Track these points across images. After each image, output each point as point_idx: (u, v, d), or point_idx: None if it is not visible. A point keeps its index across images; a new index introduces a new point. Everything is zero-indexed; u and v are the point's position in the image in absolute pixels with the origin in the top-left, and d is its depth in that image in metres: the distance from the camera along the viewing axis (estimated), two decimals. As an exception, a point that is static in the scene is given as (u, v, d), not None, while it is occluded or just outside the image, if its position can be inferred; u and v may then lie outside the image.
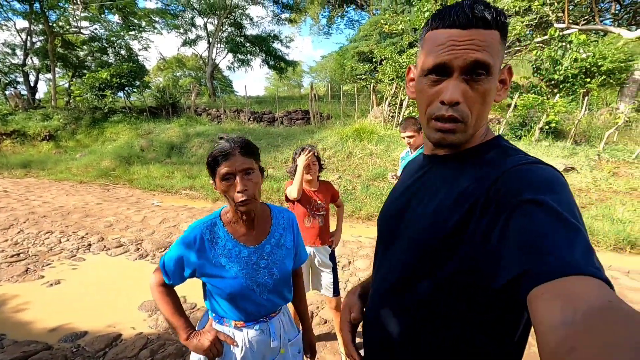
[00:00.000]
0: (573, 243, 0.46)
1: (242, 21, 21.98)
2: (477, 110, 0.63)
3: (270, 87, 44.51)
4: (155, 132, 12.61)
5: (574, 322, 0.37)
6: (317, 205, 2.32)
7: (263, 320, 1.17)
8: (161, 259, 1.13)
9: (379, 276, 0.81)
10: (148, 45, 20.41)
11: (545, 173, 0.56)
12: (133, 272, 3.80)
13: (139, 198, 7.42)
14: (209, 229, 1.12)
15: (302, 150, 2.26)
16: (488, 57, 0.59)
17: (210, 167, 1.09)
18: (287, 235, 1.25)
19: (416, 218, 0.70)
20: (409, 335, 0.69)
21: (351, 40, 22.75)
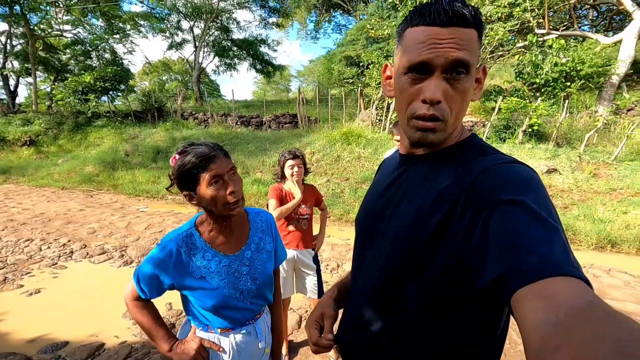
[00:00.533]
0: (552, 242, 0.47)
1: (229, 25, 21.92)
2: (457, 109, 0.64)
3: (258, 91, 44.42)
4: (140, 136, 12.41)
5: (557, 322, 0.38)
6: (302, 209, 2.32)
7: (249, 323, 1.16)
8: (135, 273, 1.07)
9: (361, 278, 0.80)
10: (133, 49, 20.10)
11: (522, 172, 0.57)
12: (117, 280, 3.71)
13: (124, 204, 7.27)
14: (185, 241, 1.06)
15: (288, 153, 2.27)
16: (468, 55, 0.59)
17: (190, 176, 1.01)
18: (266, 238, 1.23)
19: (397, 218, 0.70)
20: (397, 335, 0.69)
21: (338, 44, 22.91)
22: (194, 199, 1.04)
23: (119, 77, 14.64)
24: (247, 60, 23.19)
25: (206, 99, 19.13)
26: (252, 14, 25.85)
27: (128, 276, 3.79)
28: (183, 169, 1.01)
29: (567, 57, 9.72)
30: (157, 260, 1.03)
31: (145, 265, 1.04)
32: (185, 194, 1.05)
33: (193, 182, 1.02)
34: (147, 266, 1.04)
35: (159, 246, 1.05)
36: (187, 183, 1.03)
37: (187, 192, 1.04)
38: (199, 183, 1.01)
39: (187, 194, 1.04)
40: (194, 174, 1.00)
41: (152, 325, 1.07)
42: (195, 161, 0.99)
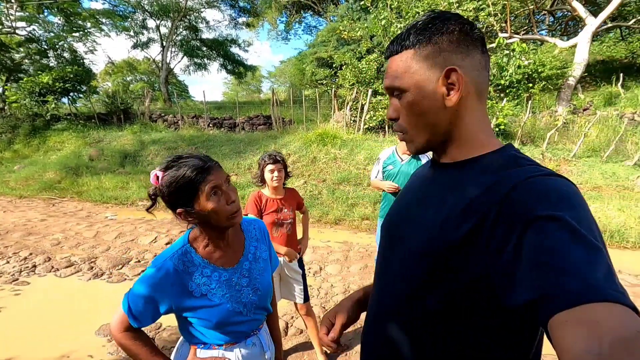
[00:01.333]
0: (594, 264, 0.44)
1: (198, 24, 21.33)
2: (412, 122, 0.69)
3: (229, 92, 43.63)
4: (105, 140, 11.80)
5: (601, 352, 0.36)
6: (284, 214, 2.29)
7: (253, 334, 1.12)
8: (124, 300, 0.98)
9: (382, 282, 0.78)
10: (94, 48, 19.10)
11: (562, 186, 0.54)
12: (87, 294, 3.49)
13: (90, 212, 6.88)
14: (181, 259, 1.00)
15: (268, 157, 2.22)
16: (395, 81, 0.68)
17: (186, 190, 0.95)
18: (261, 247, 1.20)
19: (423, 226, 0.68)
20: (417, 348, 0.67)
21: (310, 45, 22.94)
22: (191, 215, 0.98)
23: (79, 78, 13.82)
24: (218, 60, 22.68)
25: (175, 101, 18.52)
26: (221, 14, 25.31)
27: (100, 289, 3.58)
28: (178, 184, 0.94)
29: (529, 60, 10.24)
30: (152, 282, 0.96)
31: (138, 290, 0.96)
32: (179, 212, 0.97)
33: (190, 197, 0.96)
34: (141, 290, 0.96)
35: (154, 267, 0.98)
36: (182, 199, 0.96)
37: (183, 208, 0.97)
38: (198, 197, 0.95)
39: (182, 211, 0.97)
40: (191, 188, 0.94)
41: (148, 356, 0.98)
42: (191, 174, 0.94)
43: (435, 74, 0.65)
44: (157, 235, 5.23)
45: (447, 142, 0.70)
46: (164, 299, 0.97)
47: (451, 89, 0.64)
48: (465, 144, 0.68)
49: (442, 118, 0.67)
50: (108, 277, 3.85)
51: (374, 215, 6.21)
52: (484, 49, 0.67)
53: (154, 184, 0.99)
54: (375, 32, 10.95)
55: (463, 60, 0.64)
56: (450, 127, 0.68)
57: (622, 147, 9.29)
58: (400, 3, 9.67)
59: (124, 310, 0.97)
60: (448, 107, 0.65)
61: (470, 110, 0.67)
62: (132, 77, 30.65)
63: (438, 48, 0.64)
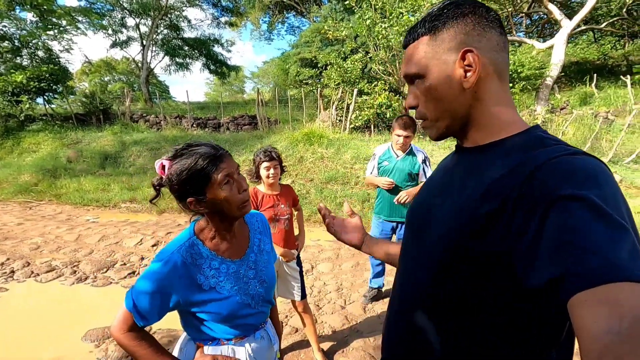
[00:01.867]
0: (618, 242, 0.43)
1: (179, 23, 20.92)
2: (432, 107, 0.69)
3: (212, 92, 43.07)
4: (84, 141, 11.41)
5: (620, 331, 0.36)
6: (281, 209, 2.27)
7: (261, 327, 1.11)
8: (127, 299, 0.93)
9: (404, 277, 0.78)
10: (70, 47, 18.43)
11: (588, 164, 0.52)
12: (71, 299, 3.36)
13: (70, 215, 6.63)
14: (189, 252, 0.97)
15: (263, 155, 2.19)
16: (413, 67, 0.69)
17: (198, 178, 0.92)
18: (264, 239, 1.20)
19: (445, 211, 0.68)
20: (441, 337, 0.67)
21: (293, 46, 22.90)
22: (202, 204, 0.95)
23: (55, 77, 13.33)
24: (200, 60, 22.30)
25: (156, 101, 18.11)
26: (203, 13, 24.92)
27: (84, 294, 3.45)
28: (190, 172, 0.91)
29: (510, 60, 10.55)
30: (160, 276, 0.92)
31: (143, 286, 0.92)
32: (190, 201, 0.95)
33: (202, 186, 0.93)
34: (147, 286, 0.92)
35: (160, 261, 0.94)
36: (194, 187, 0.93)
37: (194, 197, 0.94)
38: (210, 185, 0.93)
39: (193, 200, 0.94)
40: (203, 176, 0.92)
41: (155, 356, 0.93)
42: (203, 162, 0.92)
43: (451, 57, 0.65)
44: (143, 237, 5.09)
45: (468, 125, 0.69)
46: (173, 294, 0.93)
47: (468, 71, 0.64)
48: (487, 126, 0.67)
49: (461, 101, 0.66)
50: (92, 280, 3.71)
51: (363, 213, 6.23)
52: (501, 30, 0.67)
53: (159, 174, 0.96)
54: (359, 32, 11.01)
55: (479, 42, 0.64)
56: (470, 110, 0.67)
57: (598, 144, 9.67)
58: (384, 3, 9.75)
59: (128, 308, 0.92)
60: (466, 90, 0.65)
61: (490, 92, 0.66)
62: (111, 77, 29.82)
63: (453, 32, 0.65)
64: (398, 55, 10.07)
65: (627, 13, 15.04)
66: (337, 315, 3.00)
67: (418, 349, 0.72)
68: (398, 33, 9.36)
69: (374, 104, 10.13)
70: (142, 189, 7.88)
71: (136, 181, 8.47)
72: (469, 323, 0.63)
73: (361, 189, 7.33)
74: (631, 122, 9.77)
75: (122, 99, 15.93)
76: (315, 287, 3.58)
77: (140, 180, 8.51)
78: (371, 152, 8.60)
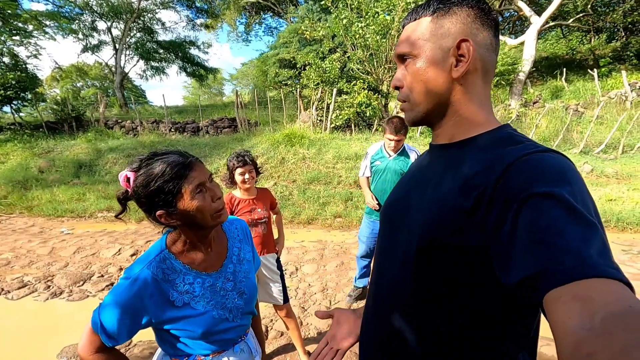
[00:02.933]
0: (589, 240, 0.44)
1: (153, 26, 20.45)
2: (416, 88, 0.68)
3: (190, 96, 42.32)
4: (56, 150, 10.98)
5: (593, 326, 0.37)
6: (258, 213, 2.24)
7: (241, 340, 1.06)
8: (94, 318, 0.88)
9: (380, 273, 0.77)
10: (38, 52, 17.73)
11: (557, 162, 0.54)
12: (45, 315, 3.21)
13: (43, 227, 6.36)
14: (159, 267, 0.91)
15: (237, 160, 2.14)
16: (407, 46, 0.68)
17: (167, 190, 0.86)
18: (244, 247, 1.14)
19: (420, 208, 0.68)
20: (418, 334, 0.66)
21: (271, 47, 22.75)
22: (172, 216, 0.89)
23: (23, 85, 12.76)
24: (177, 63, 21.88)
25: (132, 106, 17.65)
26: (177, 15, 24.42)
27: (59, 309, 3.31)
28: (157, 183, 0.85)
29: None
30: (128, 294, 0.86)
31: (111, 304, 0.86)
32: (160, 214, 0.88)
33: (171, 197, 0.87)
34: (115, 304, 0.86)
35: (128, 278, 0.88)
36: (163, 200, 0.87)
37: (163, 210, 0.88)
38: (180, 196, 0.87)
39: (163, 213, 0.88)
40: (173, 187, 0.86)
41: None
42: (172, 172, 0.86)
43: (447, 42, 0.65)
44: (121, 247, 4.93)
45: (445, 117, 0.70)
46: (143, 312, 0.88)
47: (460, 61, 0.64)
48: (464, 122, 0.68)
49: (445, 89, 0.66)
50: (68, 295, 3.57)
51: (346, 212, 6.24)
52: (496, 32, 0.68)
53: (124, 186, 0.90)
54: (336, 31, 11.04)
55: (476, 36, 0.65)
56: (451, 100, 0.67)
57: (569, 136, 10.04)
58: (360, 3, 9.81)
59: (94, 328, 0.86)
60: (454, 79, 0.65)
61: (473, 88, 0.67)
62: (83, 82, 28.84)
63: (455, 19, 0.65)
64: (375, 54, 10.15)
65: (591, 9, 15.69)
66: (322, 316, 2.98)
67: (392, 346, 0.71)
68: (374, 32, 9.44)
69: (353, 103, 10.18)
70: (119, 197, 7.64)
71: (113, 189, 8.21)
72: (443, 319, 0.63)
73: (344, 189, 7.35)
74: (599, 113, 10.19)
75: (96, 105, 15.45)
76: (300, 289, 3.55)
77: (117, 188, 8.17)
78: (352, 151, 8.67)
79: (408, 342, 0.68)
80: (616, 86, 12.49)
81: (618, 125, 9.39)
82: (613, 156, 8.96)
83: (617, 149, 9.16)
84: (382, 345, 0.74)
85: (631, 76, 12.80)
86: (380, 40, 9.60)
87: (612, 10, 16.31)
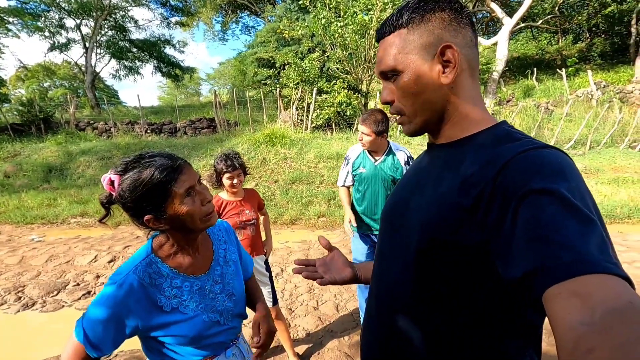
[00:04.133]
0: (587, 235, 0.44)
1: (125, 24, 19.77)
2: (410, 102, 0.68)
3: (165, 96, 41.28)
4: (23, 153, 10.44)
5: (593, 322, 0.37)
6: (246, 215, 2.20)
7: (232, 344, 1.04)
8: (77, 327, 0.84)
9: (380, 275, 0.77)
10: (1, 51, 16.82)
11: (555, 158, 0.53)
12: (17, 328, 3.04)
13: (11, 235, 6.02)
14: (146, 272, 0.88)
15: (225, 165, 2.07)
16: (390, 63, 0.67)
17: (155, 195, 0.84)
18: (229, 248, 1.13)
19: (419, 208, 0.67)
20: (419, 335, 0.66)
21: (249, 46, 22.47)
22: (161, 220, 0.87)
23: (-15, 85, 12.11)
24: (151, 62, 21.23)
25: (104, 107, 17.01)
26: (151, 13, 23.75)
27: (32, 321, 3.14)
28: (145, 188, 0.82)
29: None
30: (113, 302, 0.83)
31: (95, 313, 0.83)
32: (147, 219, 0.86)
33: (160, 201, 0.85)
34: (99, 313, 0.82)
35: (114, 284, 0.85)
36: (152, 204, 0.85)
37: (151, 214, 0.85)
38: (170, 201, 0.85)
39: (151, 217, 0.86)
40: (162, 191, 0.84)
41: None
42: (160, 176, 0.83)
43: (430, 52, 0.64)
44: (97, 253, 4.73)
45: (443, 121, 0.70)
46: (129, 320, 0.84)
47: (446, 67, 0.64)
48: (461, 122, 0.68)
49: (438, 97, 0.66)
50: (41, 306, 3.39)
51: (329, 212, 6.25)
52: (473, 27, 0.68)
53: (107, 190, 0.86)
54: (315, 31, 11.03)
55: (456, 38, 0.64)
56: (446, 105, 0.67)
57: (541, 133, 10.44)
58: (338, 2, 9.84)
59: (78, 339, 0.82)
60: (444, 85, 0.65)
61: (464, 88, 0.66)
62: (51, 82, 27.56)
63: (431, 26, 0.64)
64: (355, 53, 10.21)
65: (559, 11, 16.39)
66: (310, 317, 2.97)
67: (393, 347, 0.71)
68: (353, 32, 9.49)
69: (334, 103, 10.20)
70: (93, 201, 7.34)
71: (86, 194, 7.89)
72: (443, 318, 0.63)
73: (326, 188, 7.35)
74: (568, 111, 10.65)
75: (65, 105, 14.78)
76: (286, 290, 3.52)
77: (91, 192, 7.94)
78: (334, 151, 8.69)
79: (409, 342, 0.68)
80: (583, 85, 13.11)
81: (585, 122, 9.86)
82: (582, 152, 9.40)
83: (585, 145, 9.61)
84: (383, 346, 0.74)
85: (596, 75, 13.47)
86: (359, 40, 9.67)
87: (578, 13, 17.12)
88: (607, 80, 12.98)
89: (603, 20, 16.18)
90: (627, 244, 4.67)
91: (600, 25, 17.04)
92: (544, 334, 2.56)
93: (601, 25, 17.00)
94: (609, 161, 8.65)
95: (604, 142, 9.68)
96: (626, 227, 5.50)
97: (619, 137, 10.05)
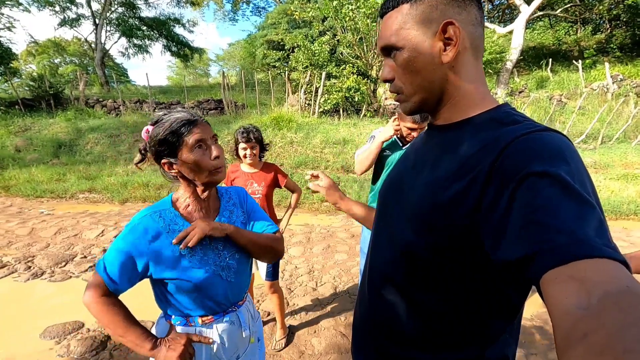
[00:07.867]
0: (585, 219, 0.44)
1: (135, 1, 19.57)
2: (408, 80, 0.67)
3: (174, 76, 41.15)
4: (34, 128, 10.59)
5: (589, 306, 0.36)
6: (252, 188, 2.23)
7: (232, 310, 1.09)
8: (99, 263, 0.96)
9: (373, 253, 0.79)
10: (12, 25, 16.82)
11: (556, 141, 0.53)
12: (27, 296, 3.15)
13: (22, 207, 6.18)
14: (162, 216, 0.99)
15: (241, 136, 2.14)
16: (391, 39, 0.66)
17: (170, 141, 0.95)
18: (237, 212, 1.16)
19: (415, 190, 0.68)
20: (409, 312, 0.69)
21: (259, 27, 22.18)
22: (173, 166, 0.98)
23: (-4, 58, 12.18)
24: (161, 41, 21.09)
25: (114, 85, 17.04)
26: (161, -10, 23.37)
27: (41, 290, 3.25)
28: (163, 134, 0.95)
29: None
30: (129, 239, 0.94)
31: (113, 250, 0.94)
32: (164, 163, 0.98)
33: (174, 148, 0.95)
34: (117, 249, 0.93)
35: (131, 225, 0.96)
36: (167, 150, 0.96)
37: (167, 159, 0.97)
38: (181, 148, 0.95)
39: (166, 161, 0.97)
40: (175, 139, 0.94)
41: (126, 324, 0.93)
42: (176, 125, 0.94)
43: (431, 28, 0.62)
44: (104, 228, 4.85)
45: (442, 101, 0.68)
46: (142, 257, 0.94)
47: (448, 44, 0.62)
48: (461, 103, 0.66)
49: (438, 75, 0.64)
50: (50, 275, 3.51)
51: (333, 197, 6.28)
52: (479, 4, 0.66)
53: (144, 139, 1.01)
54: (326, 13, 10.84)
55: (459, 15, 0.62)
56: (446, 84, 0.65)
57: (552, 125, 10.25)
58: (351, -16, 9.63)
59: (98, 272, 0.94)
60: (444, 63, 0.63)
61: (466, 67, 0.64)
62: (61, 58, 27.62)
63: (435, 1, 0.62)
64: (366, 38, 10.03)
65: (579, 0, 15.82)
66: (308, 297, 3.04)
67: (384, 326, 0.73)
68: (365, 15, 9.31)
69: (342, 88, 10.10)
70: (101, 177, 7.47)
71: (95, 170, 8.01)
72: (435, 299, 0.64)
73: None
74: (582, 104, 10.42)
75: (75, 82, 14.86)
76: (286, 271, 3.59)
77: (99, 169, 8.06)
78: (340, 137, 8.65)
79: (400, 322, 0.70)
80: (599, 78, 12.76)
81: (599, 116, 9.65)
82: (592, 146, 9.24)
83: (597, 140, 9.43)
84: (374, 326, 0.76)
85: (614, 68, 13.09)
86: (370, 24, 9.49)
87: (599, 2, 16.51)
88: (624, 73, 12.61)
89: (625, 10, 15.60)
90: (631, 239, 4.64)
91: (622, 16, 16.44)
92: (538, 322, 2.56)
93: (622, 16, 16.40)
94: (620, 157, 8.49)
95: (616, 137, 9.48)
96: (631, 223, 5.45)
97: (632, 132, 9.84)
